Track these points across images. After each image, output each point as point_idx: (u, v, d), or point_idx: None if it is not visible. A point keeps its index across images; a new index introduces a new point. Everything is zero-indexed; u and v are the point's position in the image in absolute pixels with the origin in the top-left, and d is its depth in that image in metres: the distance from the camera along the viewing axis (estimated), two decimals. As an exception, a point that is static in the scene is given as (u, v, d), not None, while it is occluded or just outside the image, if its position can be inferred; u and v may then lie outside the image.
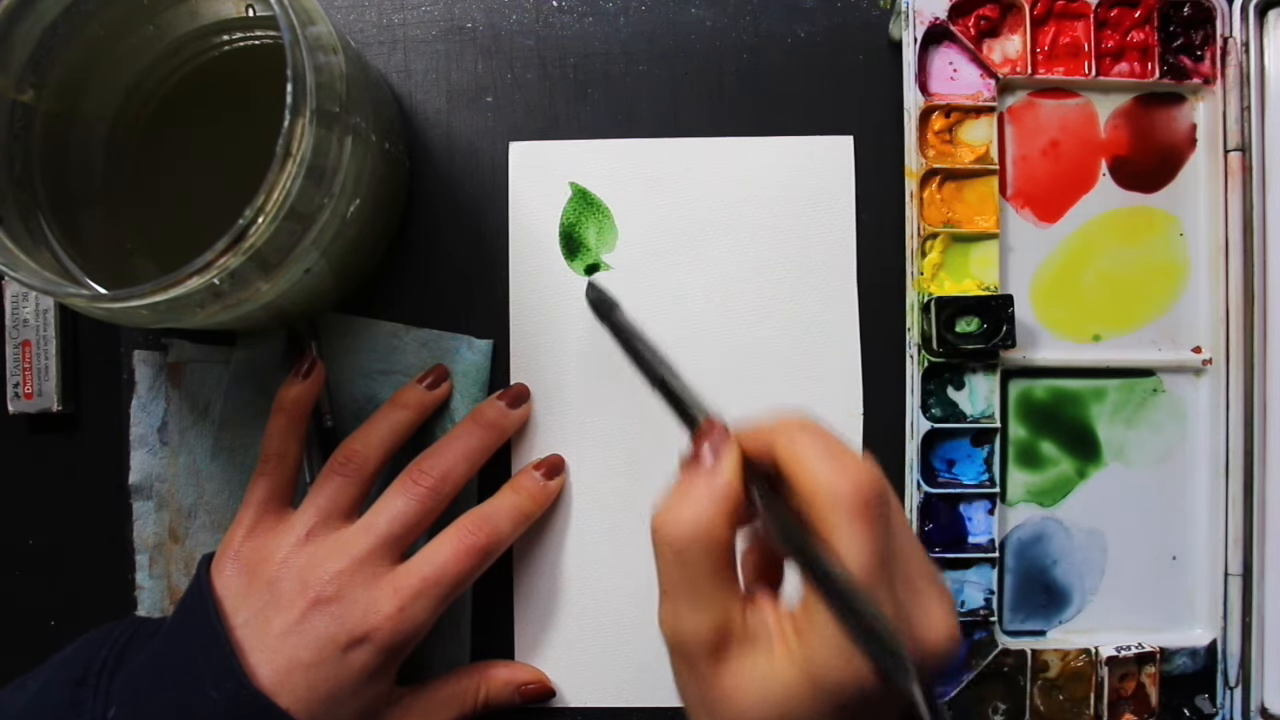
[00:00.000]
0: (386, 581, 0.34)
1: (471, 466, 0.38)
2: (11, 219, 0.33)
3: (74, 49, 0.35)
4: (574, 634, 0.41)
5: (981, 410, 0.40)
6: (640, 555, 0.41)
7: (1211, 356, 0.41)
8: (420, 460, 0.37)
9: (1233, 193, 0.40)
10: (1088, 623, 0.41)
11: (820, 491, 0.25)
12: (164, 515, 0.41)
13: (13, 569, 0.42)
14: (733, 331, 0.41)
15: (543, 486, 0.40)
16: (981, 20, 0.40)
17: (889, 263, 0.41)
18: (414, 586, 0.34)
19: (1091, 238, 0.41)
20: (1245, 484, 0.40)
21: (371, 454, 0.37)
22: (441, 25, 0.42)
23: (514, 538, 0.38)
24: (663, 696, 0.41)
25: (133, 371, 0.41)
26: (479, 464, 0.38)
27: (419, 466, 0.37)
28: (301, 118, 0.29)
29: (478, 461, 0.38)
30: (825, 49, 0.42)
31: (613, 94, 0.42)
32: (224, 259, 0.30)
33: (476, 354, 0.41)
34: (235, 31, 0.38)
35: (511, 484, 0.39)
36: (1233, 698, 0.40)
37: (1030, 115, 0.41)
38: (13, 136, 0.34)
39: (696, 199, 0.42)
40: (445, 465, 0.37)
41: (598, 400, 0.41)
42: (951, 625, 0.27)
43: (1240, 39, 0.40)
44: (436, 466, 0.37)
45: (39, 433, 0.42)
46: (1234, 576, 0.40)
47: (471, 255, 0.42)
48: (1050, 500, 0.41)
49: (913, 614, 0.26)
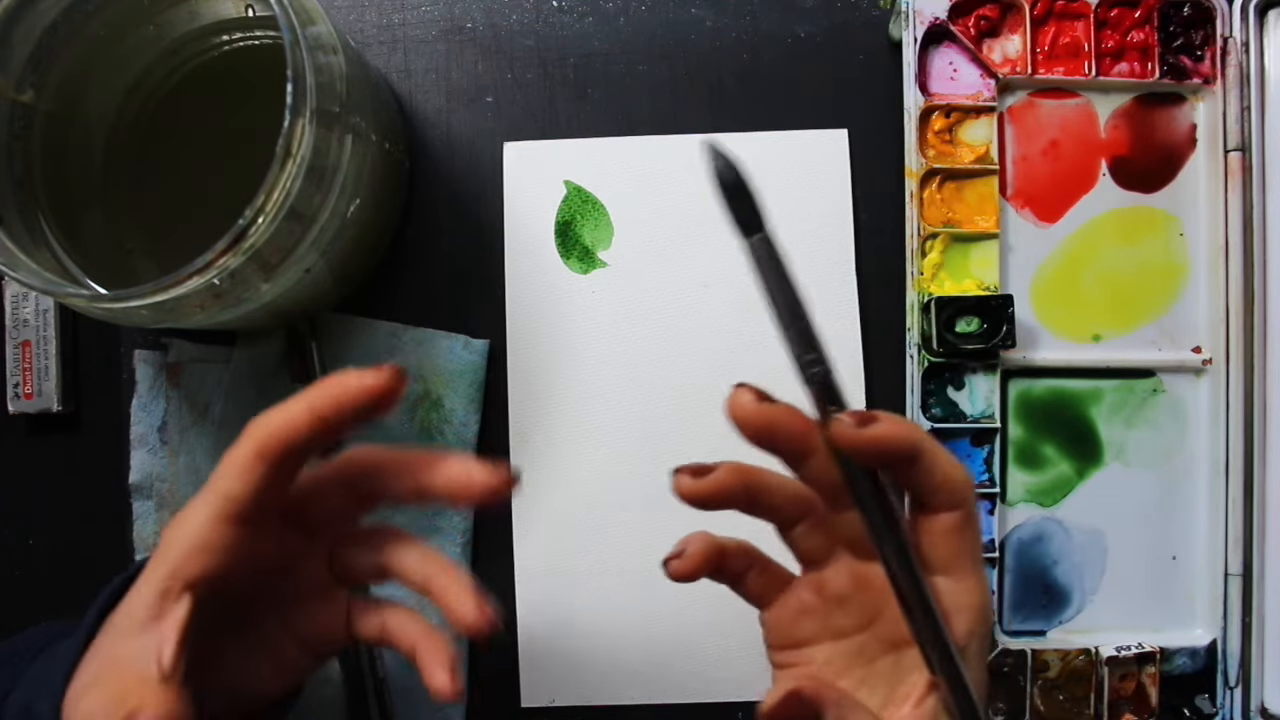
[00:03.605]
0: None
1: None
2: (11, 219, 0.33)
3: (74, 49, 0.35)
4: (574, 633, 0.41)
5: (981, 410, 0.40)
6: (638, 553, 0.41)
7: (1211, 356, 0.41)
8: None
9: (1233, 193, 0.40)
10: (1088, 623, 0.41)
11: (958, 478, 0.27)
12: (164, 515, 0.41)
13: (13, 569, 0.42)
14: (730, 328, 0.41)
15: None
16: (981, 20, 0.40)
17: (889, 263, 0.41)
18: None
19: (1091, 238, 0.41)
20: (1245, 484, 0.40)
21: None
22: (441, 25, 0.42)
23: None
24: (663, 696, 0.41)
25: (133, 371, 0.41)
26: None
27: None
28: (301, 118, 0.30)
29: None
30: (825, 49, 0.42)
31: (613, 94, 0.42)
32: (224, 259, 0.30)
33: (473, 354, 0.41)
34: (235, 31, 0.38)
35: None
36: (1233, 698, 0.40)
37: (1030, 115, 0.41)
38: (13, 136, 0.34)
39: (691, 195, 0.42)
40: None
41: (594, 399, 0.41)
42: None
43: (1240, 39, 0.40)
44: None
45: (39, 433, 0.42)
46: (1234, 576, 0.40)
47: (470, 255, 0.42)
48: (1050, 500, 0.41)
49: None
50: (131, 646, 0.26)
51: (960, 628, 0.27)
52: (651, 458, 0.41)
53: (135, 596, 0.27)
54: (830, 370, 0.26)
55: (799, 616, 0.31)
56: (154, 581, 0.27)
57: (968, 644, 0.27)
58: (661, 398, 0.41)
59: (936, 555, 0.27)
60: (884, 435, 0.25)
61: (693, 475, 0.28)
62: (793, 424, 0.26)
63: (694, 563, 0.30)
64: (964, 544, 0.27)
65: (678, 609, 0.41)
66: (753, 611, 0.32)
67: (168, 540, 0.27)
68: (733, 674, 0.41)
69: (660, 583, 0.41)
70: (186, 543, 0.27)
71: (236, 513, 0.27)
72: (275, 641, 0.32)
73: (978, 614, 0.28)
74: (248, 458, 0.27)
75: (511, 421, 0.41)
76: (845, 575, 0.29)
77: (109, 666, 0.26)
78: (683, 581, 0.30)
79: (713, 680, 0.41)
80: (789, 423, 0.26)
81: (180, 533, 0.27)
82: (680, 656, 0.41)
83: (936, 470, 0.26)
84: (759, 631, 0.32)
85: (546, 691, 0.41)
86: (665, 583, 0.41)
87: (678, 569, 0.30)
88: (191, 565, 0.27)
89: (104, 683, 0.26)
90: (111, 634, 0.27)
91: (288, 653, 0.32)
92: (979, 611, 0.28)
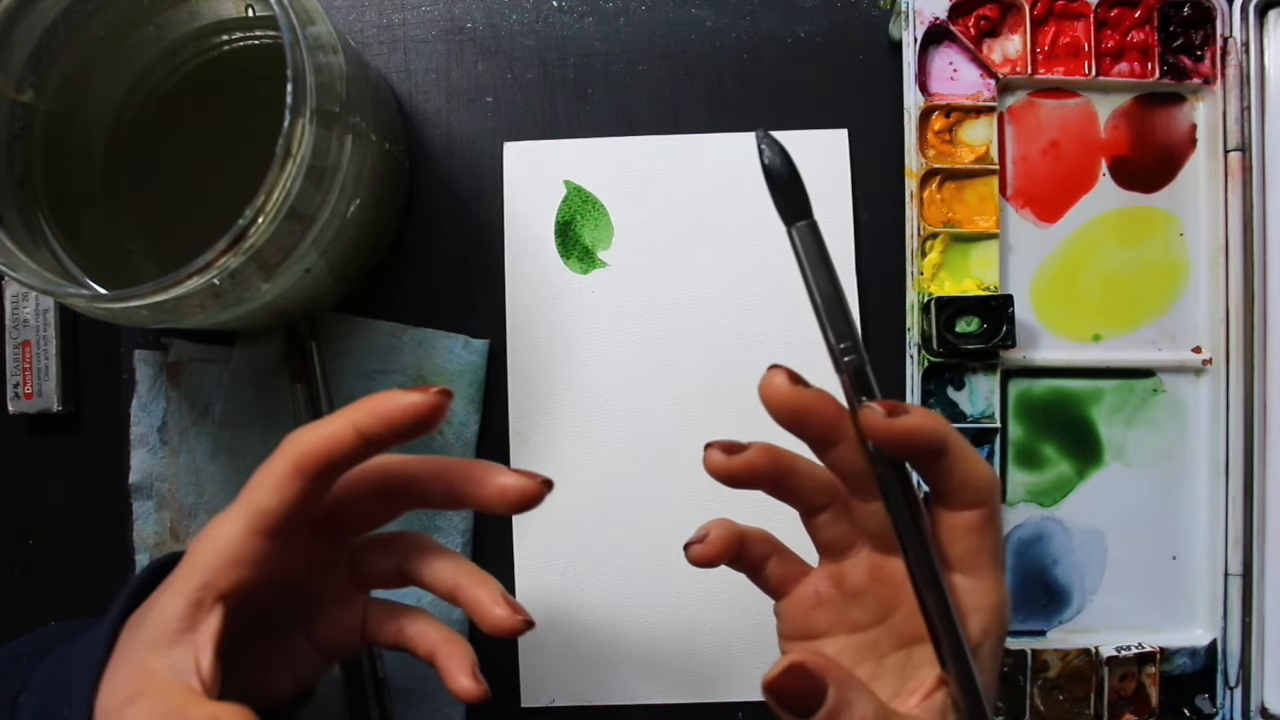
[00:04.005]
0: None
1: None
2: (11, 219, 0.33)
3: (74, 49, 0.35)
4: (574, 633, 0.41)
5: (981, 410, 0.40)
6: (638, 553, 0.41)
7: (1211, 356, 0.41)
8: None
9: (1233, 193, 0.40)
10: (1088, 623, 0.41)
11: (984, 477, 0.27)
12: (164, 515, 0.41)
13: (13, 569, 0.42)
14: (730, 328, 0.41)
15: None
16: (981, 20, 0.40)
17: (889, 263, 0.41)
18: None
19: (1091, 238, 0.41)
20: (1245, 484, 0.40)
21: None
22: (441, 25, 0.42)
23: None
24: (663, 696, 0.41)
25: (133, 371, 0.41)
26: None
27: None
28: (301, 118, 0.30)
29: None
30: (825, 49, 0.42)
31: (613, 94, 0.42)
32: (224, 259, 0.30)
33: (473, 354, 0.41)
34: (235, 31, 0.38)
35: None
36: (1233, 698, 0.40)
37: (1030, 115, 0.41)
38: (13, 136, 0.34)
39: (691, 195, 0.42)
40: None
41: (594, 399, 0.41)
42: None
43: (1240, 39, 0.40)
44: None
45: (39, 433, 0.42)
46: (1234, 576, 0.40)
47: (470, 255, 0.42)
48: (1050, 500, 0.41)
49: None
50: (166, 658, 0.26)
51: (975, 626, 0.27)
52: (651, 457, 0.41)
53: (164, 606, 0.27)
54: (864, 361, 0.26)
55: (815, 608, 0.31)
56: (186, 592, 0.27)
57: (981, 643, 0.27)
58: (661, 398, 0.41)
59: (956, 552, 0.27)
60: (914, 427, 0.25)
61: (725, 452, 0.28)
62: (824, 409, 0.26)
63: (716, 548, 0.30)
64: (984, 543, 0.27)
65: (678, 609, 0.41)
66: (752, 612, 0.32)
67: (198, 550, 0.27)
68: (733, 674, 0.41)
69: (660, 583, 0.41)
70: (219, 555, 0.27)
71: (270, 526, 0.27)
72: (292, 645, 0.32)
73: (994, 614, 0.28)
74: (285, 472, 0.27)
75: (511, 421, 0.41)
76: (864, 568, 0.30)
77: (147, 678, 0.26)
78: (704, 566, 0.30)
79: (713, 680, 0.41)
80: (820, 408, 0.26)
81: (212, 544, 0.27)
82: (680, 656, 0.41)
83: (962, 467, 0.27)
84: (759, 631, 0.32)
85: (546, 691, 0.41)
86: (665, 583, 0.41)
87: (700, 554, 0.30)
88: (224, 577, 0.27)
89: (150, 695, 0.26)
90: (140, 643, 0.27)
91: (303, 655, 0.32)
92: (995, 611, 0.28)
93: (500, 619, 0.30)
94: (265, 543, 0.27)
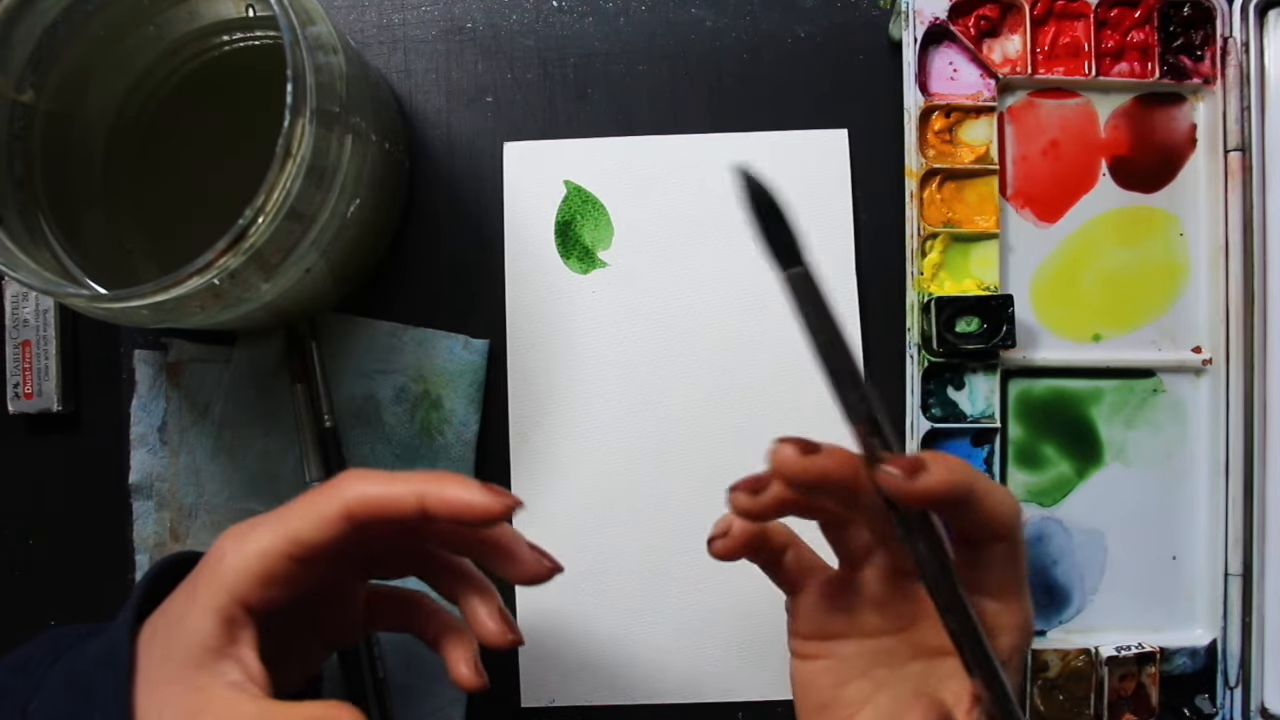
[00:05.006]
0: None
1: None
2: (11, 219, 0.33)
3: (74, 49, 0.35)
4: (574, 633, 0.41)
5: (981, 410, 0.40)
6: (638, 553, 0.41)
7: (1211, 356, 0.41)
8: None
9: (1233, 193, 0.40)
10: (1088, 623, 0.41)
11: (1007, 513, 0.27)
12: (164, 515, 0.41)
13: (13, 569, 0.42)
14: (730, 329, 0.41)
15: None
16: (981, 20, 0.40)
17: (889, 263, 0.41)
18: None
19: (1091, 238, 0.41)
20: (1245, 484, 0.40)
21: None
22: (441, 25, 0.42)
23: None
24: (663, 696, 0.41)
25: (133, 371, 0.41)
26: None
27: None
28: (301, 118, 0.30)
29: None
30: (825, 49, 0.42)
31: (613, 94, 0.42)
32: (224, 259, 0.30)
33: (473, 354, 0.41)
34: (235, 31, 0.38)
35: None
36: (1233, 698, 0.40)
37: (1030, 115, 0.41)
38: (13, 136, 0.34)
39: (691, 195, 0.42)
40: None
41: (594, 399, 0.41)
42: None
43: (1240, 39, 0.40)
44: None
45: (39, 433, 0.42)
46: (1234, 576, 0.40)
47: (470, 255, 0.42)
48: (1050, 500, 0.41)
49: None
50: (212, 674, 0.26)
51: (1005, 645, 0.28)
52: (651, 458, 0.41)
53: (196, 624, 0.27)
54: (875, 406, 0.25)
55: (832, 612, 0.31)
56: (217, 608, 0.27)
57: (1010, 659, 0.28)
58: (661, 397, 0.41)
59: (983, 582, 0.28)
60: (934, 486, 0.25)
61: (749, 492, 0.28)
62: (840, 472, 0.26)
63: (739, 542, 0.30)
64: (1010, 570, 0.28)
65: (678, 609, 0.41)
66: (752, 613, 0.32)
67: (228, 562, 0.27)
68: (733, 674, 0.41)
69: (660, 583, 0.41)
70: (250, 572, 0.27)
71: (305, 556, 0.28)
72: (304, 640, 0.33)
73: (1021, 632, 0.28)
74: (334, 513, 0.28)
75: (511, 421, 0.41)
76: (884, 578, 0.30)
77: (199, 694, 0.26)
78: (726, 560, 0.30)
79: (713, 680, 0.41)
80: (836, 471, 0.26)
81: (243, 560, 0.27)
82: (680, 656, 0.41)
83: (985, 506, 0.27)
84: (759, 632, 0.32)
85: (546, 691, 0.41)
86: (665, 583, 0.41)
87: (723, 548, 0.30)
88: (254, 594, 0.27)
89: (214, 710, 0.26)
90: (178, 662, 0.27)
91: (310, 648, 0.33)
92: (1022, 630, 0.28)
93: (489, 633, 0.31)
94: (297, 568, 0.28)
